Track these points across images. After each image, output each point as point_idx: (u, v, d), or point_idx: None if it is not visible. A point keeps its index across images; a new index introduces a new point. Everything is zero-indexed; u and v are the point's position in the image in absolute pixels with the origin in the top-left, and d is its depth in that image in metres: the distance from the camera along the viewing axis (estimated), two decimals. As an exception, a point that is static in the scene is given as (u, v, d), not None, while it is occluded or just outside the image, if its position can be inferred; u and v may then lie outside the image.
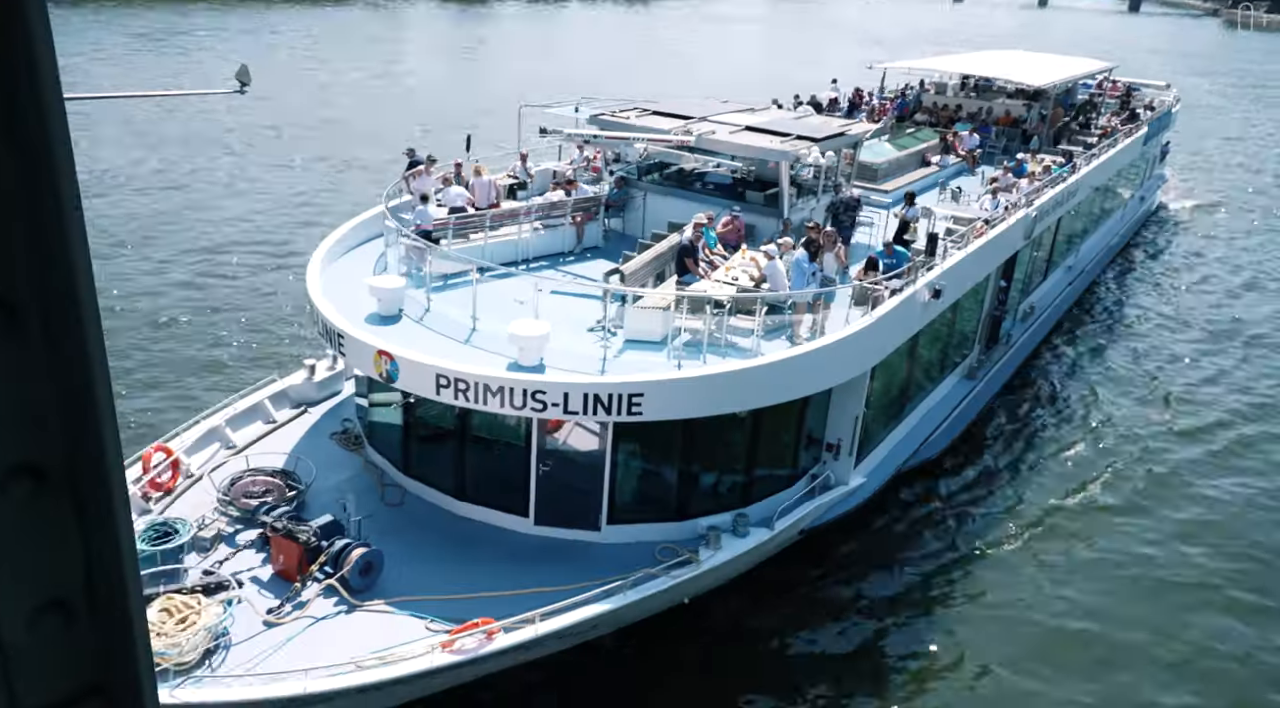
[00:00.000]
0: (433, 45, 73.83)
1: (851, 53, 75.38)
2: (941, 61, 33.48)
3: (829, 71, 36.42)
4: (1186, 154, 48.24)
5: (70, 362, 0.99)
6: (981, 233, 18.05)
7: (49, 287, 0.95)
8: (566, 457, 12.97)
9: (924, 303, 15.30)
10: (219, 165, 35.59)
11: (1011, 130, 29.80)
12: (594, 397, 11.73)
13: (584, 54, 72.78)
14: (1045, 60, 34.62)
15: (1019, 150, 27.89)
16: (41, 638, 1.05)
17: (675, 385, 12.07)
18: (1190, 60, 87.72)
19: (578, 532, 13.16)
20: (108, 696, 1.12)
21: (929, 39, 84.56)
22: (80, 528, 1.05)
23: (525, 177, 19.48)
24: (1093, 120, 32.91)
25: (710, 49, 79.15)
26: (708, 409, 12.50)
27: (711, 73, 63.71)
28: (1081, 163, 24.84)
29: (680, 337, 13.35)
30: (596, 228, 17.63)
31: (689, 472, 13.49)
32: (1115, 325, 26.71)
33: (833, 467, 15.07)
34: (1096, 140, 28.59)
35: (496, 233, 16.09)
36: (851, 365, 13.96)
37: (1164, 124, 36.02)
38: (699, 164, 16.00)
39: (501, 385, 11.71)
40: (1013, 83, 30.13)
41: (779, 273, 14.19)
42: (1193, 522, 17.27)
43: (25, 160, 0.91)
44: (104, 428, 1.03)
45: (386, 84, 54.81)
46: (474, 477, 13.41)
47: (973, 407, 19.82)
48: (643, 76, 58.96)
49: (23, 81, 0.89)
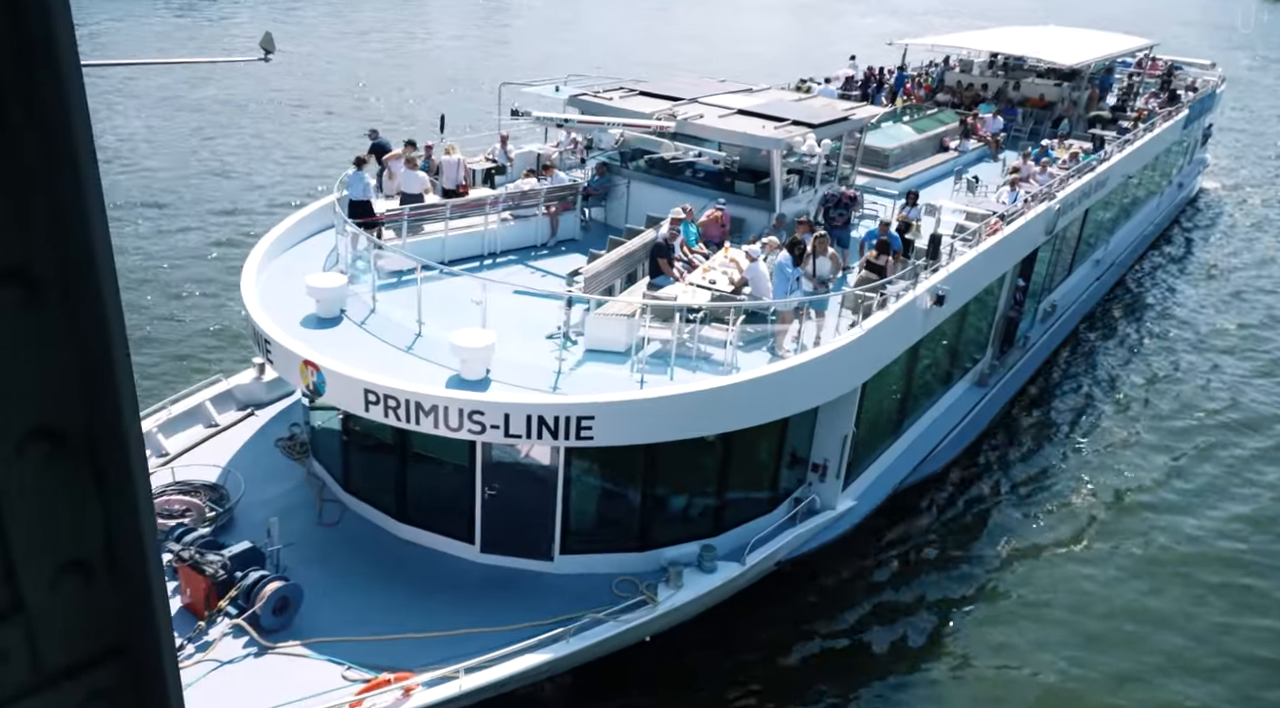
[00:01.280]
0: (461, 13, 72.04)
1: (883, 24, 72.84)
2: (967, 38, 31.45)
3: (851, 47, 34.46)
4: (1230, 135, 45.76)
5: (89, 330, 1.01)
6: (996, 229, 16.46)
7: (68, 258, 0.97)
8: (516, 479, 11.71)
9: (925, 310, 13.82)
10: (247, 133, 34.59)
11: (1041, 113, 27.90)
12: (538, 419, 10.45)
13: (617, 22, 70.81)
14: (1080, 37, 32.46)
15: (1048, 134, 26.08)
16: (63, 599, 1.07)
17: (631, 407, 10.75)
18: (1225, 34, 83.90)
19: (528, 561, 11.94)
20: (128, 655, 1.14)
21: (946, 11, 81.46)
22: (99, 492, 1.07)
23: (505, 160, 18.10)
24: (1129, 102, 30.82)
25: (746, 19, 76.75)
26: (670, 433, 11.18)
27: (739, 44, 61.63)
28: (1113, 150, 23.01)
29: (647, 347, 12.03)
30: (573, 219, 16.25)
31: (652, 497, 12.20)
32: (1145, 323, 24.92)
33: (818, 489, 13.71)
34: (1132, 124, 26.63)
35: (459, 224, 14.76)
36: (839, 382, 12.55)
37: (1207, 106, 33.79)
38: (680, 153, 14.57)
39: (435, 404, 10.45)
40: (1044, 61, 28.12)
41: (761, 276, 12.77)
42: (1235, 556, 15.74)
43: (45, 134, 0.93)
44: (122, 395, 1.05)
45: (405, 55, 53.36)
46: (416, 497, 12.22)
47: (983, 416, 18.31)
48: (664, 49, 57.12)
49: (41, 55, 0.90)
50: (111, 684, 1.14)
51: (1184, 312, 25.93)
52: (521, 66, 47.58)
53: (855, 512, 14.13)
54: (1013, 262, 17.86)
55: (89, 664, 1.12)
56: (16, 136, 0.91)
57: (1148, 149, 25.46)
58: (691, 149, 14.57)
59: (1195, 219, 34.48)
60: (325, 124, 37.04)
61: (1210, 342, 23.91)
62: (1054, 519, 16.24)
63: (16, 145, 0.92)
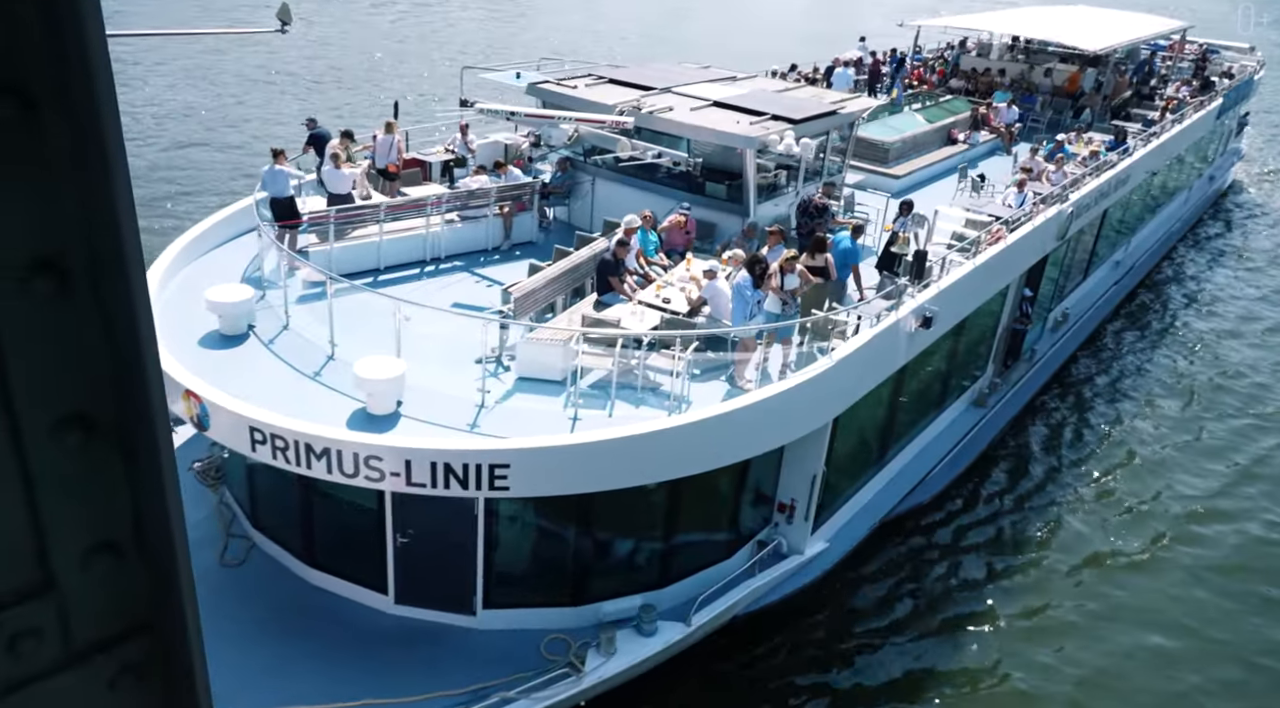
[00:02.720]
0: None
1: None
2: (986, 19, 29.49)
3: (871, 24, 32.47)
4: (1269, 125, 43.38)
5: (118, 319, 1.02)
6: (999, 237, 14.83)
7: (98, 249, 0.99)
8: (431, 523, 10.37)
9: (910, 333, 12.30)
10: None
11: (1060, 102, 26.01)
12: (444, 467, 9.09)
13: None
14: (1109, 19, 30.40)
15: (1068, 125, 24.24)
16: (94, 578, 1.10)
17: (555, 454, 9.36)
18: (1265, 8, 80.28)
19: (448, 615, 10.65)
20: (156, 633, 1.17)
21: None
22: (128, 475, 1.10)
23: (465, 152, 16.65)
24: (1158, 91, 28.83)
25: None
26: (603, 483, 9.79)
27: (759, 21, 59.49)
28: (1137, 144, 21.18)
29: (588, 375, 10.63)
30: (530, 219, 14.80)
31: (587, 544, 10.84)
32: (1167, 330, 23.12)
33: (785, 531, 12.31)
34: (1160, 115, 24.71)
35: (395, 227, 13.36)
36: (806, 419, 11.10)
37: (1243, 94, 31.65)
38: (638, 152, 13.06)
39: (328, 447, 9.11)
40: (1066, 46, 26.17)
41: (721, 296, 11.31)
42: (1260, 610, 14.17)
43: (75, 128, 0.93)
44: (150, 381, 1.07)
45: (417, 28, 51.76)
46: (324, 540, 10.93)
47: (981, 438, 16.74)
48: (681, 27, 55.18)
49: (72, 46, 0.90)
50: (141, 659, 1.17)
51: (1212, 317, 24.10)
52: (524, 44, 45.98)
53: (827, 556, 12.71)
54: (1018, 272, 16.23)
55: (119, 640, 1.15)
56: (48, 132, 0.92)
57: (1176, 142, 23.55)
58: (651, 149, 13.05)
59: (1227, 215, 32.43)
60: (323, 99, 35.68)
61: (1240, 349, 22.12)
62: (1058, 556, 14.71)
63: (48, 140, 0.92)
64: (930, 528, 15.02)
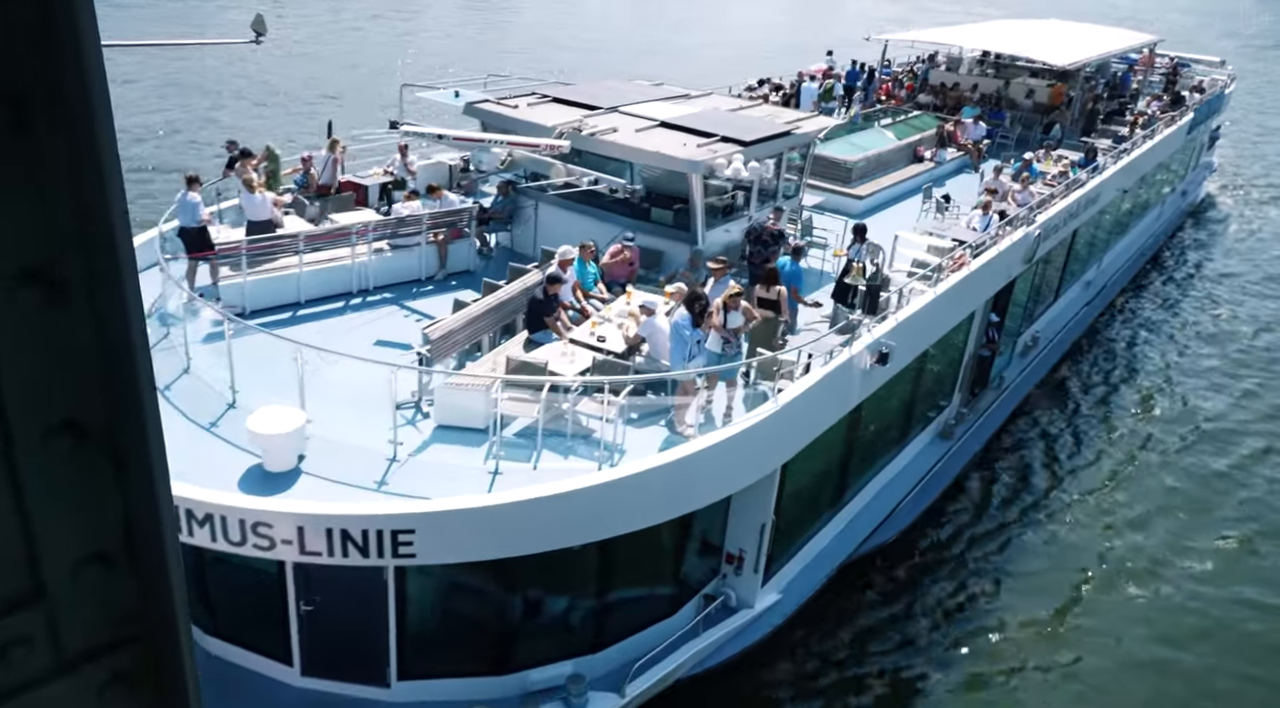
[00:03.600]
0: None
1: (880, 9, 70.14)
2: (953, 33, 28.96)
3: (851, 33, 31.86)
4: (1239, 133, 43.23)
5: (110, 327, 1.03)
6: (962, 263, 14.12)
7: (91, 260, 0.99)
8: (338, 589, 9.44)
9: (865, 370, 11.52)
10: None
11: (1031, 117, 25.45)
12: (341, 534, 8.19)
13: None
14: (1079, 33, 29.98)
15: (1037, 142, 23.68)
16: (84, 587, 1.10)
17: (467, 517, 8.48)
18: (1225, 21, 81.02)
19: (359, 687, 9.72)
20: (146, 642, 1.16)
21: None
22: (119, 483, 1.09)
23: (404, 174, 15.79)
24: (1128, 106, 28.39)
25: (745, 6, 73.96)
26: (524, 546, 8.92)
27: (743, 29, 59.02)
28: (1107, 162, 20.60)
29: (512, 423, 9.77)
30: (467, 247, 13.94)
31: (511, 606, 9.96)
32: (1140, 350, 22.51)
33: (734, 583, 11.47)
34: (1130, 131, 24.19)
35: (315, 258, 12.45)
36: (752, 467, 10.28)
37: (1214, 108, 31.28)
38: (574, 179, 12.24)
39: (210, 513, 8.19)
40: (1036, 61, 25.62)
41: (659, 333, 10.49)
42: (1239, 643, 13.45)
43: (71, 142, 0.93)
44: (142, 389, 1.07)
45: (392, 35, 50.84)
46: (222, 607, 9.98)
47: (948, 470, 15.99)
48: (656, 38, 54.64)
49: (69, 55, 0.91)
50: (132, 667, 1.17)
51: (1185, 333, 23.55)
52: (497, 54, 45.19)
53: (780, 608, 11.87)
54: (983, 298, 15.52)
55: (109, 648, 1.14)
56: (43, 145, 0.93)
57: (1146, 160, 23.02)
58: (588, 175, 12.22)
59: (1200, 229, 32.02)
60: (262, 120, 34.68)
61: (1210, 369, 21.54)
62: (1031, 597, 13.95)
63: (43, 153, 0.93)
64: (894, 570, 14.22)
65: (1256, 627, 13.74)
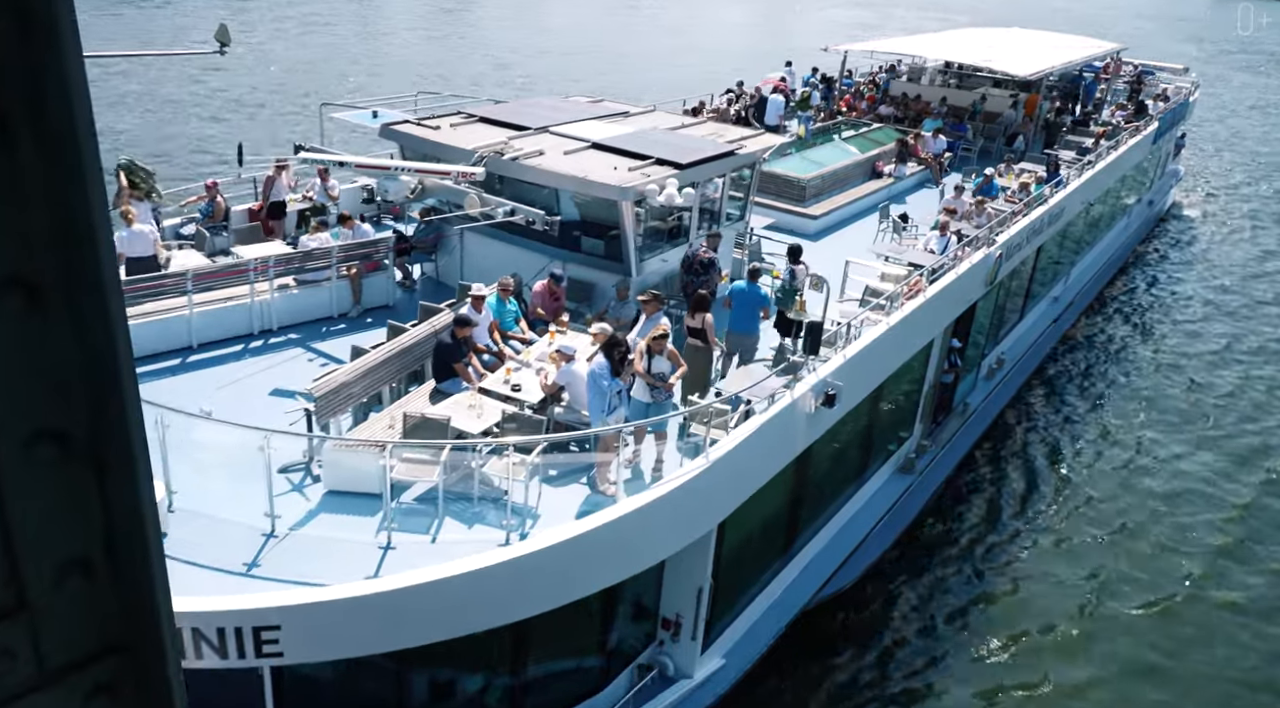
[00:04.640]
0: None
1: (848, 14, 69.79)
2: (914, 43, 28.25)
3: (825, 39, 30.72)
4: (1204, 140, 42.99)
5: (92, 334, 1.02)
6: (918, 289, 13.22)
7: (72, 267, 0.98)
8: (209, 689, 8.28)
9: (810, 414, 10.55)
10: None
11: (992, 128, 24.74)
12: (193, 632, 7.08)
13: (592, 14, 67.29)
14: (1041, 42, 29.38)
15: (999, 154, 22.95)
16: (66, 597, 1.08)
17: (339, 610, 7.38)
18: (1181, 25, 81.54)
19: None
20: (131, 653, 1.15)
21: (916, 4, 78.42)
22: (102, 491, 1.08)
23: (325, 199, 14.71)
24: (1092, 116, 27.78)
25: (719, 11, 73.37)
26: (411, 638, 7.84)
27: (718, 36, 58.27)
28: (1071, 175, 19.86)
29: (411, 488, 8.71)
30: (384, 281, 12.87)
31: (412, 690, 8.86)
32: (1110, 366, 21.77)
33: (671, 650, 10.44)
34: (1094, 142, 23.51)
35: (208, 297, 11.33)
36: (683, 530, 9.27)
37: (1179, 116, 30.80)
38: (488, 209, 11.22)
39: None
40: (998, 72, 24.91)
41: (579, 381, 9.46)
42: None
43: (51, 149, 0.93)
44: (126, 397, 1.06)
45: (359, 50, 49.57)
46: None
47: (910, 506, 15.07)
48: (635, 43, 53.76)
49: (51, 76, 0.91)
50: (115, 679, 1.15)
51: (1154, 345, 22.90)
52: (468, 61, 44.13)
53: (723, 675, 10.84)
54: (942, 325, 14.63)
55: (93, 659, 1.13)
56: (25, 158, 0.92)
57: (1110, 172, 22.33)
58: (504, 205, 11.19)
59: (1168, 238, 31.50)
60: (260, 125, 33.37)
61: (1181, 383, 20.83)
62: (1000, 636, 13.03)
63: (25, 166, 0.93)
64: (853, 617, 13.27)
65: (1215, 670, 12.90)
